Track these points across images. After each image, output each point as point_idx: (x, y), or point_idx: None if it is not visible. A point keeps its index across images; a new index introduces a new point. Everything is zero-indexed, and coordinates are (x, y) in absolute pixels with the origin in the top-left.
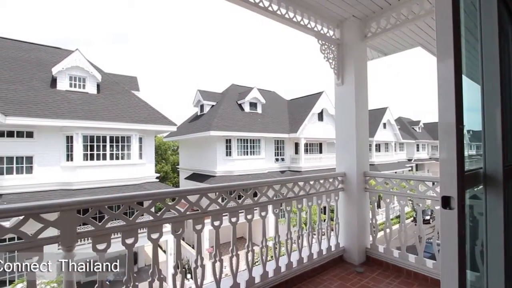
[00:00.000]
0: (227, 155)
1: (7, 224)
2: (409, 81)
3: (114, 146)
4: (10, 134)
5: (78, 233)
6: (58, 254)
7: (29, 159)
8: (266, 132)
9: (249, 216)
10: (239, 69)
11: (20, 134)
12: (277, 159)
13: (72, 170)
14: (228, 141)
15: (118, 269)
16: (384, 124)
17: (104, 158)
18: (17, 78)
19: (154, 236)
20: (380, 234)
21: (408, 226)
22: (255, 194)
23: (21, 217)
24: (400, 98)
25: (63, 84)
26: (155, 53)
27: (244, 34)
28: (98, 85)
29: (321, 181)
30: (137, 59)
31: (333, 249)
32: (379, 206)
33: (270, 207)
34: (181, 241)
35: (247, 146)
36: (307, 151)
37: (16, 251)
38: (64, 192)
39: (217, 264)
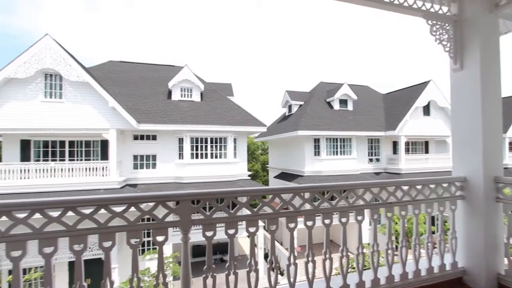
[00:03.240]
0: (315, 154)
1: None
2: None
3: (214, 146)
4: (142, 137)
5: (192, 220)
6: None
7: (154, 157)
8: (358, 130)
9: (343, 219)
10: (329, 66)
11: (148, 137)
12: (371, 160)
13: (182, 166)
14: (317, 140)
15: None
16: None
17: (206, 157)
18: (146, 93)
19: (252, 229)
20: None
21: None
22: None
23: (152, 203)
24: None
25: (176, 95)
26: (246, 58)
27: (333, 28)
28: (201, 94)
29: (432, 186)
30: (230, 66)
31: (448, 268)
32: None
33: (367, 212)
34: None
35: (336, 145)
36: (408, 151)
37: (146, 230)
38: (177, 184)
39: (310, 265)
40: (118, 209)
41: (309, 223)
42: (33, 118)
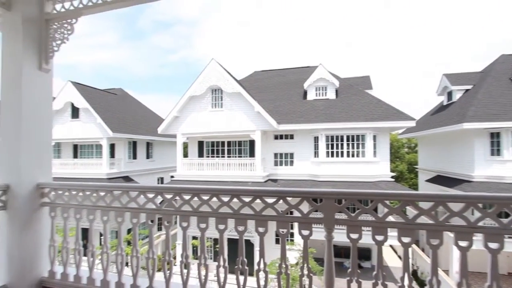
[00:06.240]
0: (492, 154)
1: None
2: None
3: (350, 144)
4: (281, 137)
5: (336, 219)
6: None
7: (291, 155)
8: None
9: None
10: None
11: (286, 137)
12: None
13: (318, 164)
14: (495, 135)
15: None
16: None
17: (342, 155)
18: (284, 96)
19: (406, 240)
20: None
21: None
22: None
23: (299, 198)
24: None
25: (311, 95)
26: (385, 44)
27: None
28: (336, 91)
29: None
30: (368, 57)
31: None
32: None
33: None
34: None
35: None
36: None
37: (291, 222)
38: (312, 182)
39: None
40: (270, 200)
41: (493, 245)
42: (205, 124)
